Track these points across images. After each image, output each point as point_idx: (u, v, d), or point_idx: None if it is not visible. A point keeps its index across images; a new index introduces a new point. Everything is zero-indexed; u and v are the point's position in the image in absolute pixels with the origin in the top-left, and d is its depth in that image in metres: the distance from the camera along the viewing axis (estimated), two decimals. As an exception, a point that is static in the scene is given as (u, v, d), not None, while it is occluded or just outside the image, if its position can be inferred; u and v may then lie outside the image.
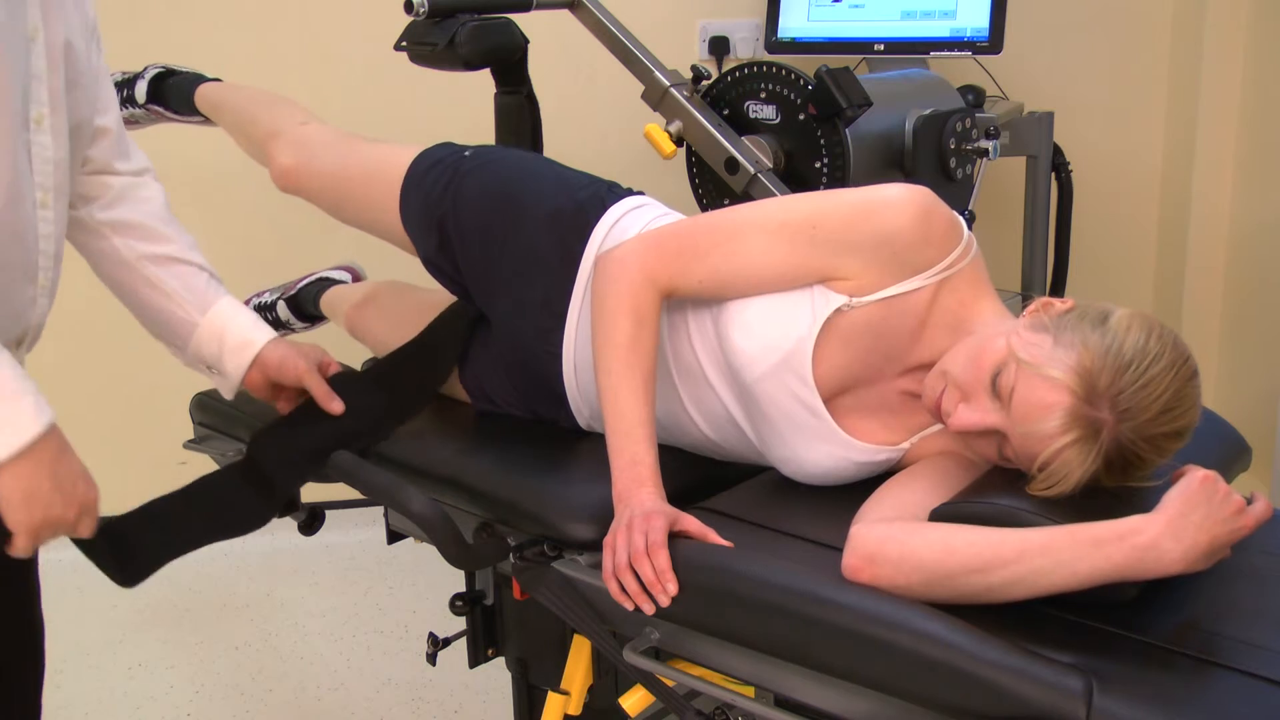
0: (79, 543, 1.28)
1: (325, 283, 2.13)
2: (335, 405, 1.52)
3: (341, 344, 1.93)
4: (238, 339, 1.48)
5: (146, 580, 1.39)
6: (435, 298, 1.79)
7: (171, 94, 2.08)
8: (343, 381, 1.56)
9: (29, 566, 1.34)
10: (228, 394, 1.54)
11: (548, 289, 1.55)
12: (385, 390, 1.61)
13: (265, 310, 2.18)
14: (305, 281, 2.15)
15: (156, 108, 2.10)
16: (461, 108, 2.41)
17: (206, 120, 2.06)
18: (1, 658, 1.32)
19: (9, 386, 1.10)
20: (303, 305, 2.13)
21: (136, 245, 1.40)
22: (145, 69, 2.12)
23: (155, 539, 1.41)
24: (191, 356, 1.49)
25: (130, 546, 1.37)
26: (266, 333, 1.50)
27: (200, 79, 2.07)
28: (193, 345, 1.47)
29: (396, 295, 1.90)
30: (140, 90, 2.10)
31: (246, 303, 2.18)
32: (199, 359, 1.50)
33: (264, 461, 1.50)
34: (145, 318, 1.47)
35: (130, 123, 2.11)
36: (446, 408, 1.69)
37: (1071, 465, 1.14)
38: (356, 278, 2.17)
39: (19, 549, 1.15)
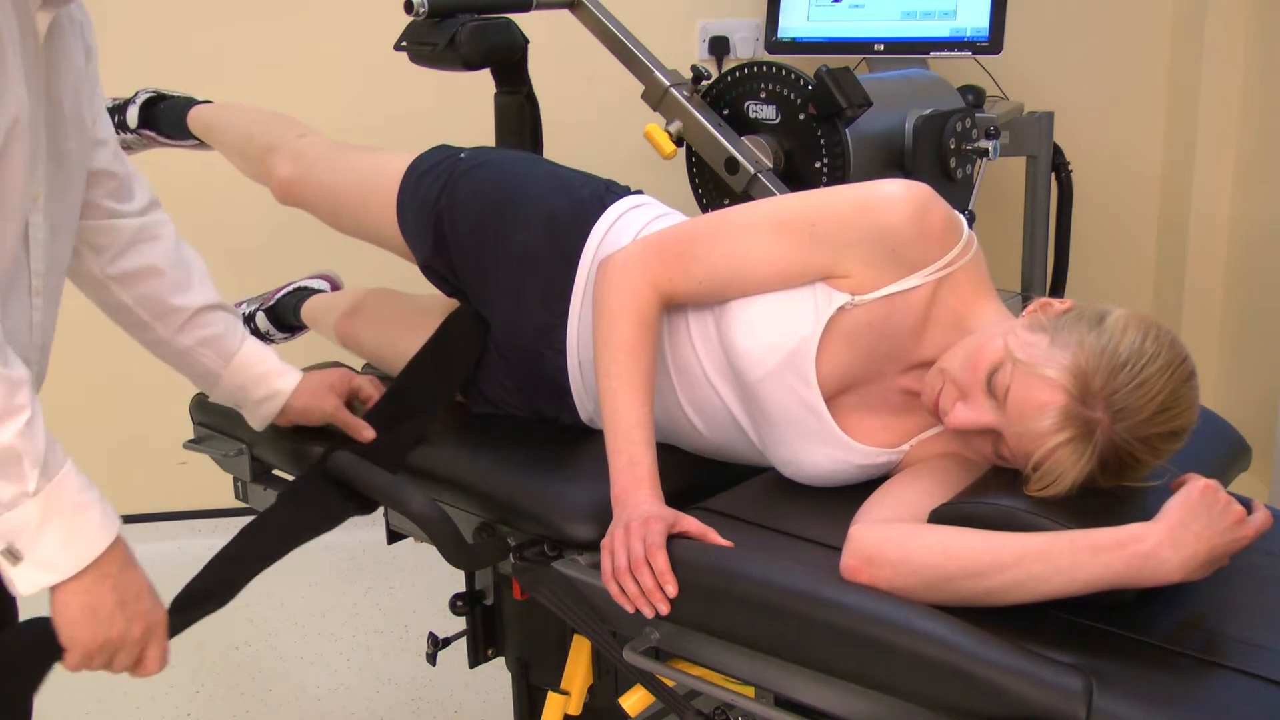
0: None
1: (304, 292, 2.11)
2: (366, 433, 1.54)
3: (327, 351, 1.93)
4: (262, 391, 1.51)
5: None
6: (424, 303, 1.78)
7: (163, 119, 2.06)
8: (373, 413, 1.58)
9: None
10: (255, 428, 1.58)
11: (546, 288, 1.55)
12: (413, 408, 1.61)
13: (244, 322, 2.16)
14: (283, 292, 2.14)
15: (149, 133, 2.09)
16: (461, 108, 2.41)
17: (200, 144, 2.04)
18: None
19: (75, 499, 1.05)
20: (282, 316, 2.12)
21: (148, 302, 1.39)
22: (136, 94, 2.10)
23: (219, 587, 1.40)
24: (220, 398, 1.52)
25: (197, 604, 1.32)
26: (291, 380, 1.52)
27: (192, 102, 2.06)
28: (218, 393, 1.51)
29: (385, 302, 1.89)
30: (132, 116, 2.08)
31: None
32: (226, 401, 1.53)
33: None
34: (167, 363, 1.48)
35: (123, 149, 2.10)
36: (446, 408, 1.68)
37: (1065, 465, 1.14)
38: (335, 286, 2.16)
39: (69, 666, 1.10)
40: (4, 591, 1.20)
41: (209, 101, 2.06)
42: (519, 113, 2.19)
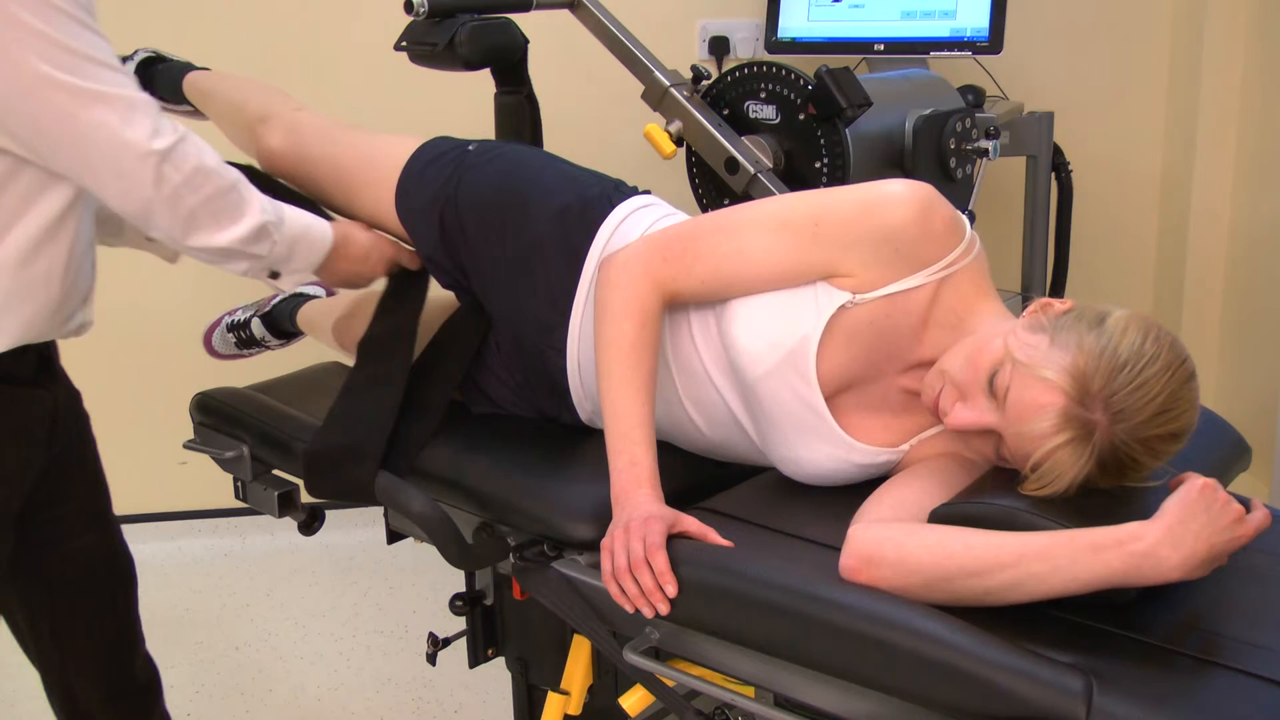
0: None
1: (299, 298, 2.10)
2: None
3: (325, 356, 1.93)
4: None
5: (148, 577, 1.38)
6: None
7: (159, 80, 2.01)
8: None
9: (108, 514, 1.53)
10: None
11: (551, 284, 1.55)
12: (415, 413, 1.60)
13: (239, 328, 2.14)
14: (279, 298, 2.13)
15: None
16: (461, 108, 2.41)
17: (195, 111, 1.98)
18: (98, 581, 1.49)
19: (296, 231, 1.42)
20: (278, 322, 2.11)
21: None
22: (135, 52, 2.05)
23: None
24: None
25: None
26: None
27: (190, 67, 2.00)
28: None
29: None
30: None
31: (219, 321, 2.16)
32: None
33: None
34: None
35: None
36: (446, 409, 1.68)
37: (1064, 466, 1.14)
38: (329, 291, 2.15)
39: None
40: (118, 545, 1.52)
41: (207, 69, 2.01)
42: (519, 113, 2.18)
